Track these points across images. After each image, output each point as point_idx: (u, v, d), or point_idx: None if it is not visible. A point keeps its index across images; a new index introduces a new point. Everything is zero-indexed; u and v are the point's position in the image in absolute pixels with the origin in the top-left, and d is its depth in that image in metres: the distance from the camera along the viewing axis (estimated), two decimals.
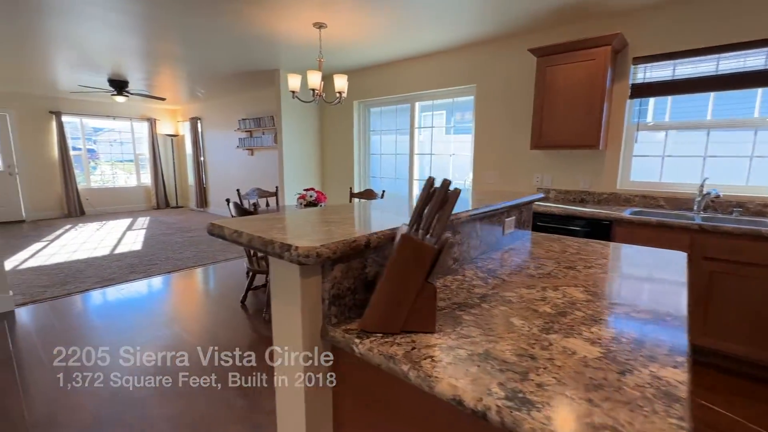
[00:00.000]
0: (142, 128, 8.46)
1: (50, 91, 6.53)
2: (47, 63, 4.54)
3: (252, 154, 6.76)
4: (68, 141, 7.31)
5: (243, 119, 6.59)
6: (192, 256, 4.63)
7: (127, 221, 7.06)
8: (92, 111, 7.58)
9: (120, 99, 5.64)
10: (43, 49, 3.94)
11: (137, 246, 5.10)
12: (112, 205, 8.13)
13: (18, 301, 3.13)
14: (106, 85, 5.47)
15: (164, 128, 8.67)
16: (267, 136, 6.20)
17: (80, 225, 6.65)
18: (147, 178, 8.70)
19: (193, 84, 5.84)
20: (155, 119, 8.42)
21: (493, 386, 0.60)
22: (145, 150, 8.59)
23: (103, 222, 6.93)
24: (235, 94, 6.69)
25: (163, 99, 6.06)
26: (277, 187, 4.15)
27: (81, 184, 7.67)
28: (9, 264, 4.20)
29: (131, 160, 8.54)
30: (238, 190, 3.74)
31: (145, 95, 5.81)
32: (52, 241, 5.42)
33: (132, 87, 5.62)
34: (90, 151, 7.95)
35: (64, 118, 7.22)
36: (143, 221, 7.05)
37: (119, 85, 5.44)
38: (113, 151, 8.39)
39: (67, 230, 6.20)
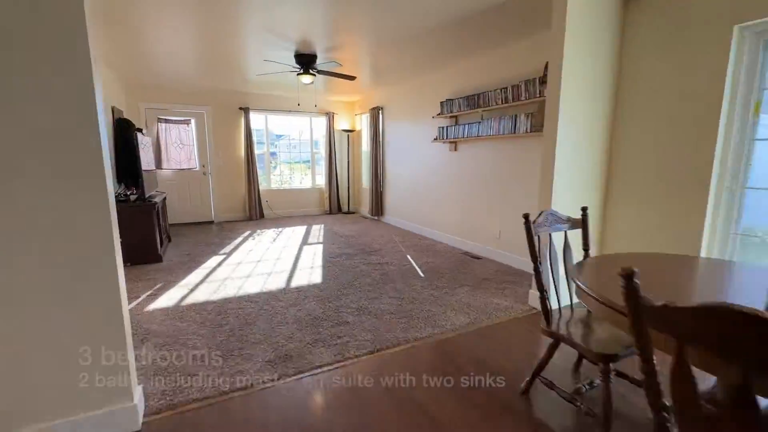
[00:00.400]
0: (320, 125, 7.65)
1: (239, 84, 5.99)
2: (238, 41, 3.46)
3: (455, 149, 4.84)
4: (253, 138, 6.84)
5: (448, 100, 4.72)
6: (394, 307, 2.89)
7: (302, 229, 6.10)
8: (276, 106, 7.00)
9: (306, 79, 4.43)
10: (235, 20, 2.72)
11: (316, 276, 3.70)
12: (288, 208, 7.50)
13: (148, 409, 1.75)
14: (293, 63, 4.32)
15: (341, 123, 7.70)
16: (486, 122, 4.16)
17: (258, 231, 5.94)
18: (321, 180, 7.89)
19: (385, 55, 4.23)
20: (333, 113, 7.47)
21: None
22: (321, 149, 7.79)
23: (280, 229, 6.11)
24: (436, 70, 4.88)
25: (352, 78, 4.66)
26: (584, 210, 1.97)
27: (262, 185, 7.19)
28: (178, 291, 3.22)
29: (307, 161, 7.87)
30: (526, 216, 1.71)
31: (333, 74, 4.49)
32: (230, 253, 4.58)
33: (319, 63, 4.35)
34: (271, 153, 7.49)
35: (252, 115, 6.77)
36: (318, 232, 5.96)
37: (307, 61, 4.21)
38: (291, 151, 7.89)
39: (245, 237, 5.47)
